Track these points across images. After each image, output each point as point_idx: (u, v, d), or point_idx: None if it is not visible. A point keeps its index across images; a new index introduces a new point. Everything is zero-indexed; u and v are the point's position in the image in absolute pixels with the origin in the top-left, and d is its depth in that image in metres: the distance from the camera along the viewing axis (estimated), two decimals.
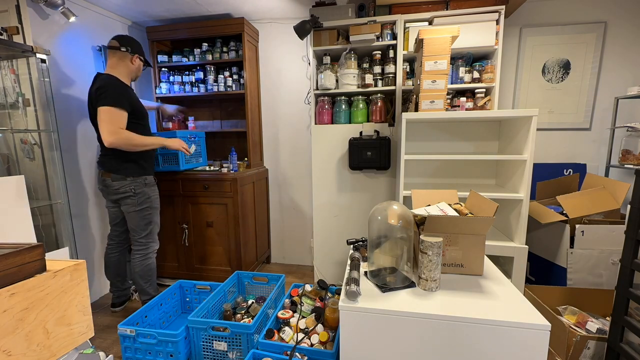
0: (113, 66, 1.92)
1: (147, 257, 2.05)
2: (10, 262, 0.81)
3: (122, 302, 2.25)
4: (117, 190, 1.93)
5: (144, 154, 1.99)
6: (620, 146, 2.25)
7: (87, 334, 1.01)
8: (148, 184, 2.02)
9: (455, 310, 0.94)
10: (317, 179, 2.43)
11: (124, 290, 2.26)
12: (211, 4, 2.38)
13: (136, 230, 2.01)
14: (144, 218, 2.01)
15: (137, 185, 1.95)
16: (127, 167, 1.92)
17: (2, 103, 1.81)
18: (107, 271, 2.19)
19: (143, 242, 2.04)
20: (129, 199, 1.96)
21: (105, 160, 1.93)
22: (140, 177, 1.97)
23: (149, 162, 2.05)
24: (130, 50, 1.92)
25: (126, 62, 1.93)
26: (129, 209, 1.98)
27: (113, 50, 1.90)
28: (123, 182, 1.92)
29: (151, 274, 2.08)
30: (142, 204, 1.98)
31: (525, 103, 2.45)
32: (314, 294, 1.60)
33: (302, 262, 3.06)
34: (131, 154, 1.92)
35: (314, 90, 2.34)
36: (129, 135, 1.83)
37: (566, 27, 2.31)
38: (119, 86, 1.85)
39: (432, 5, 2.11)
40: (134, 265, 2.03)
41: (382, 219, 1.13)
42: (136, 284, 2.06)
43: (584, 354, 1.37)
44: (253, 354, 1.30)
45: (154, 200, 2.05)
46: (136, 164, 1.96)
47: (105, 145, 1.80)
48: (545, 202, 2.03)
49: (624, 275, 1.29)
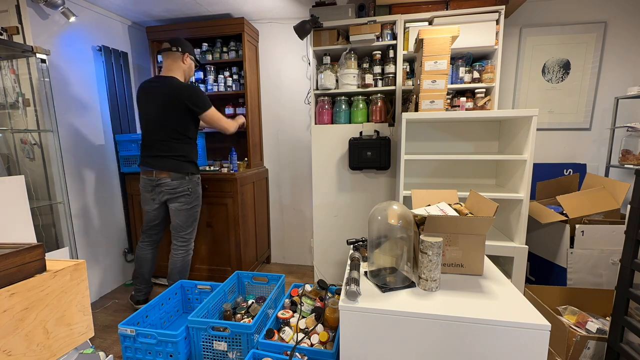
0: (170, 68, 1.99)
1: (189, 252, 2.14)
2: (10, 262, 0.81)
3: (147, 299, 2.26)
4: (175, 189, 1.98)
5: (197, 155, 2.10)
6: (620, 146, 2.25)
7: (87, 334, 1.01)
8: (199, 182, 2.12)
9: (455, 310, 0.94)
10: (317, 179, 2.43)
11: (151, 287, 2.29)
12: (211, 4, 2.38)
13: (183, 227, 2.07)
14: (192, 215, 2.08)
15: (193, 184, 2.04)
16: (186, 166, 2.00)
17: (2, 103, 1.81)
18: (140, 269, 2.19)
19: (187, 239, 2.10)
20: (184, 197, 2.01)
21: (163, 159, 1.96)
22: (195, 175, 2.06)
23: (197, 161, 2.14)
24: (181, 50, 2.00)
25: (178, 62, 2.00)
26: (181, 206, 2.02)
27: (165, 52, 1.98)
28: (182, 181, 1.98)
29: (187, 269, 2.17)
30: (193, 201, 2.06)
31: (525, 103, 2.45)
32: (314, 294, 1.60)
33: (302, 262, 3.06)
34: (194, 154, 2.04)
35: (314, 90, 2.34)
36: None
37: (566, 27, 2.31)
38: (198, 88, 2.03)
39: (432, 5, 2.11)
40: (175, 260, 2.09)
41: (382, 219, 1.13)
42: (171, 279, 2.11)
43: (584, 354, 1.37)
44: (253, 354, 1.30)
45: (201, 198, 2.15)
46: (193, 163, 2.06)
47: (230, 133, 2.12)
48: (545, 202, 2.03)
49: (624, 275, 1.29)
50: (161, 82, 1.97)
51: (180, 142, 1.99)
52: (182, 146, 1.99)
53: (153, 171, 1.98)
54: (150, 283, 2.26)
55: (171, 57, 1.99)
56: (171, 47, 1.97)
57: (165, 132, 1.95)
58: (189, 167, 2.02)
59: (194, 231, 2.15)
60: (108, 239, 2.54)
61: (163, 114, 1.94)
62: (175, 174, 1.96)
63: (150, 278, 2.24)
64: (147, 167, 2.00)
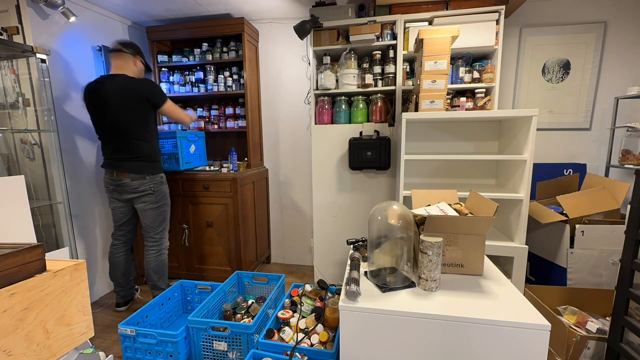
0: (120, 67, 1.96)
1: (161, 252, 2.12)
2: (10, 262, 0.81)
3: (127, 302, 2.25)
4: (136, 189, 1.97)
5: (160, 153, 2.10)
6: (620, 146, 2.25)
7: (87, 334, 1.01)
8: (163, 182, 2.10)
9: (455, 310, 0.94)
10: (317, 179, 2.43)
11: (129, 290, 2.26)
12: (211, 4, 2.38)
13: (152, 227, 2.07)
14: (160, 215, 2.08)
15: (155, 184, 2.03)
16: (147, 166, 1.99)
17: (2, 103, 1.81)
18: (113, 272, 2.18)
19: (157, 239, 2.10)
20: (147, 197, 2.01)
21: (123, 160, 1.96)
22: (157, 175, 2.05)
23: (161, 160, 2.13)
24: (133, 52, 1.98)
25: (129, 63, 1.98)
26: (146, 206, 2.02)
27: (116, 53, 1.95)
28: (143, 181, 1.98)
29: (164, 269, 2.15)
30: (159, 201, 2.05)
31: (525, 103, 2.45)
32: (314, 294, 1.60)
33: (302, 262, 3.06)
34: (156, 153, 2.05)
35: (314, 90, 2.34)
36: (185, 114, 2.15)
37: (566, 27, 2.31)
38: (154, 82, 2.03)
39: (432, 5, 2.11)
40: (148, 261, 2.08)
41: (382, 219, 1.13)
42: (149, 279, 2.12)
43: (584, 354, 1.37)
44: (253, 354, 1.30)
45: (168, 197, 2.14)
46: (155, 163, 2.04)
47: (189, 123, 2.17)
48: (545, 202, 2.03)
49: (624, 275, 1.29)
50: (114, 79, 1.91)
51: (141, 141, 1.96)
52: (143, 146, 1.97)
53: (114, 171, 1.98)
54: (127, 286, 2.23)
55: (122, 57, 1.95)
56: (122, 49, 1.95)
57: (123, 131, 1.92)
58: (150, 168, 2.00)
59: (165, 230, 2.14)
60: (108, 239, 2.53)
61: (120, 113, 1.90)
62: (134, 174, 1.95)
63: (126, 281, 2.21)
64: (109, 168, 2.00)
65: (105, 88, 1.89)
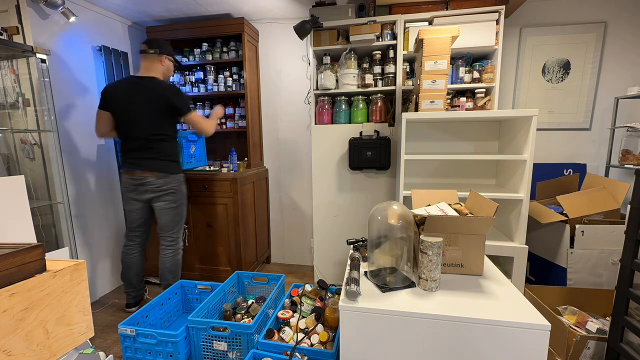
0: (149, 69, 1.98)
1: (177, 252, 2.14)
2: (10, 262, 0.81)
3: (138, 302, 2.25)
4: (159, 187, 1.98)
5: (179, 152, 2.12)
6: (620, 146, 2.25)
7: (87, 334, 1.01)
8: (183, 181, 2.12)
9: (455, 310, 0.94)
10: (317, 179, 2.43)
11: (140, 291, 2.26)
12: (211, 4, 2.38)
13: (169, 226, 2.08)
14: (178, 214, 2.09)
15: (178, 183, 2.05)
16: (171, 165, 2.02)
17: (2, 103, 1.81)
18: (127, 273, 2.16)
19: (174, 238, 2.11)
20: (169, 196, 2.02)
21: (149, 159, 1.96)
22: (179, 174, 2.07)
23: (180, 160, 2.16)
24: (159, 51, 1.99)
25: (156, 64, 1.99)
26: (167, 205, 2.02)
27: (143, 55, 1.97)
28: (167, 179, 1.99)
29: (179, 268, 2.17)
30: (178, 200, 2.07)
31: (525, 103, 2.45)
32: (314, 294, 1.60)
33: (302, 262, 3.06)
34: (177, 153, 2.08)
35: (314, 90, 2.34)
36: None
37: (566, 27, 2.31)
38: (180, 89, 2.05)
39: (432, 5, 2.11)
40: (164, 260, 2.09)
41: (382, 219, 1.13)
42: (163, 279, 2.12)
43: (584, 354, 1.37)
44: (253, 354, 1.30)
45: (186, 197, 2.16)
46: (177, 163, 2.08)
47: (211, 134, 2.11)
48: (545, 202, 2.03)
49: (624, 275, 1.29)
50: (142, 81, 1.94)
51: (165, 141, 1.99)
52: (166, 146, 1.99)
53: (137, 170, 1.97)
54: (139, 287, 2.23)
55: (148, 59, 1.97)
56: (148, 49, 1.96)
57: (149, 131, 1.94)
58: (174, 167, 2.04)
59: (181, 230, 2.16)
60: (108, 239, 2.54)
61: (147, 114, 1.92)
62: (160, 173, 1.97)
63: (139, 282, 2.21)
64: (131, 168, 1.99)
65: (136, 90, 1.92)
